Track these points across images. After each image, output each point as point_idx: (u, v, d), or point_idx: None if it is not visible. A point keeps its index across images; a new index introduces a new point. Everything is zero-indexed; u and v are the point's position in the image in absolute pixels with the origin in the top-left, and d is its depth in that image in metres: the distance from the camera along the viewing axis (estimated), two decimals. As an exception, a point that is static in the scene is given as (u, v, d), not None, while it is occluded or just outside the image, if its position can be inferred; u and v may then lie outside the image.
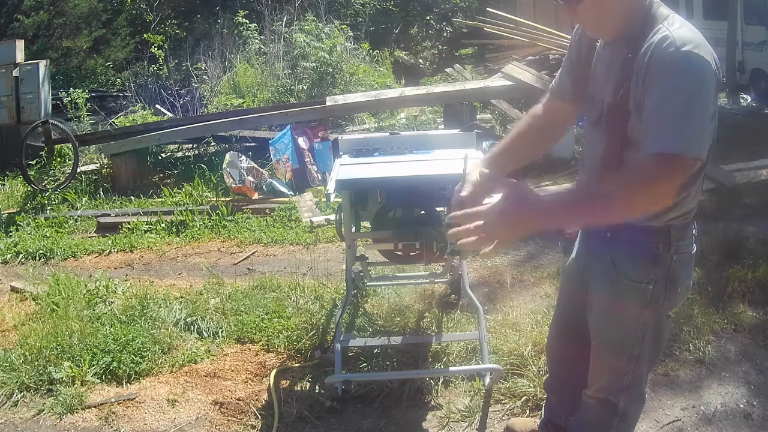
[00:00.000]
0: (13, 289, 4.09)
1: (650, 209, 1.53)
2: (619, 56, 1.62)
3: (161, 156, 6.98)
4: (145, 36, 11.21)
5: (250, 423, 2.69)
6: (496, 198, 1.59)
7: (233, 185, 5.69)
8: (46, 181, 6.29)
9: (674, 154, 1.43)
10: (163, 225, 5.13)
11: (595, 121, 1.74)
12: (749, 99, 8.83)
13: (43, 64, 6.79)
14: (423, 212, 2.65)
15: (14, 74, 6.59)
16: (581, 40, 1.81)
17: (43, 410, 2.81)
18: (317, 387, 2.86)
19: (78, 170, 6.29)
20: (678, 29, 1.52)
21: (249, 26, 9.59)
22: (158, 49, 10.00)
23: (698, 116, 1.45)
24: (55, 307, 3.60)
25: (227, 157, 5.90)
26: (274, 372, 2.94)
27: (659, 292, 1.71)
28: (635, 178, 1.46)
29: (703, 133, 1.47)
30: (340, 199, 2.68)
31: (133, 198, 5.86)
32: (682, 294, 1.78)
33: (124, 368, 3.01)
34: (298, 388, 2.87)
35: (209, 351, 3.19)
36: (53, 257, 4.71)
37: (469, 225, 1.47)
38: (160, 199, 5.76)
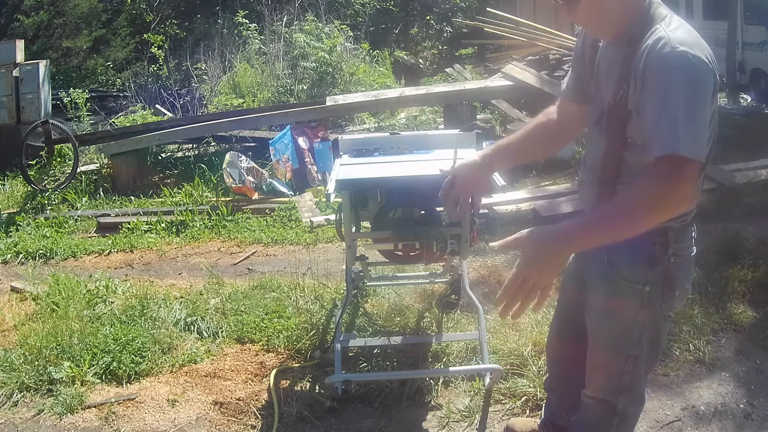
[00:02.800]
0: (13, 289, 4.09)
1: (670, 214, 1.51)
2: (619, 56, 1.62)
3: (161, 156, 6.98)
4: (145, 36, 11.21)
5: (250, 423, 2.69)
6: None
7: (233, 185, 5.69)
8: (46, 181, 6.29)
9: (681, 156, 1.43)
10: (163, 225, 5.13)
11: (596, 121, 1.74)
12: (749, 99, 8.82)
13: (43, 64, 6.80)
14: (423, 212, 2.65)
15: (14, 74, 6.61)
16: (585, 39, 1.81)
17: (43, 410, 2.81)
18: (317, 387, 2.86)
19: (78, 170, 6.29)
20: (674, 30, 1.52)
21: (249, 26, 9.58)
22: (158, 49, 10.00)
23: (698, 117, 1.46)
24: (55, 307, 3.60)
25: (227, 157, 5.90)
26: (274, 372, 2.94)
27: (656, 294, 1.70)
28: (651, 187, 1.46)
29: (702, 135, 1.47)
30: (340, 199, 2.68)
31: (133, 198, 5.86)
32: (681, 297, 1.77)
33: (124, 368, 3.01)
34: (298, 388, 2.87)
35: (209, 351, 3.19)
36: (53, 257, 4.71)
37: (512, 292, 1.52)
38: (160, 199, 5.76)
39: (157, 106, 8.76)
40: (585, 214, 1.64)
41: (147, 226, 5.12)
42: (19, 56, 6.76)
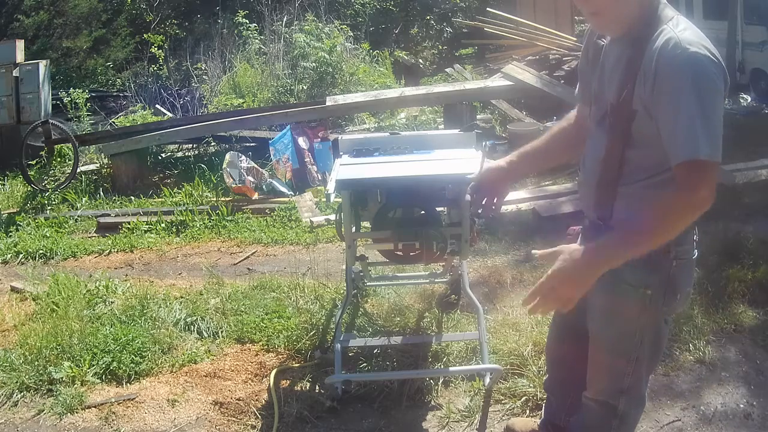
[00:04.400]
0: (13, 289, 4.09)
1: (695, 217, 1.56)
2: (624, 56, 1.62)
3: (161, 156, 6.98)
4: (145, 36, 11.20)
5: (250, 423, 2.69)
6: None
7: (233, 185, 5.69)
8: (46, 181, 6.29)
9: (701, 159, 1.45)
10: (163, 225, 5.13)
11: (599, 121, 1.74)
12: (749, 99, 8.82)
13: (43, 64, 6.80)
14: (423, 212, 2.65)
15: (14, 74, 6.60)
16: (589, 39, 1.81)
17: (43, 410, 2.80)
18: (317, 387, 2.86)
19: (78, 170, 6.29)
20: (683, 31, 1.52)
21: (249, 26, 9.58)
22: (158, 49, 10.00)
23: (714, 118, 1.47)
24: (55, 307, 3.60)
25: (227, 157, 5.90)
26: (274, 372, 2.94)
27: (658, 297, 1.70)
28: (674, 196, 1.49)
29: (719, 135, 1.48)
30: (340, 199, 2.68)
31: (133, 198, 5.86)
32: (682, 300, 1.77)
33: (124, 368, 3.01)
34: (298, 388, 2.87)
35: (209, 351, 3.19)
36: (53, 257, 4.71)
37: (540, 295, 1.58)
38: (160, 199, 5.75)
39: (157, 106, 8.76)
40: (613, 234, 1.61)
41: (147, 226, 5.11)
42: (19, 56, 6.75)
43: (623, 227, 1.61)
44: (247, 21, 9.63)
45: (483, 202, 2.02)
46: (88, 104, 7.77)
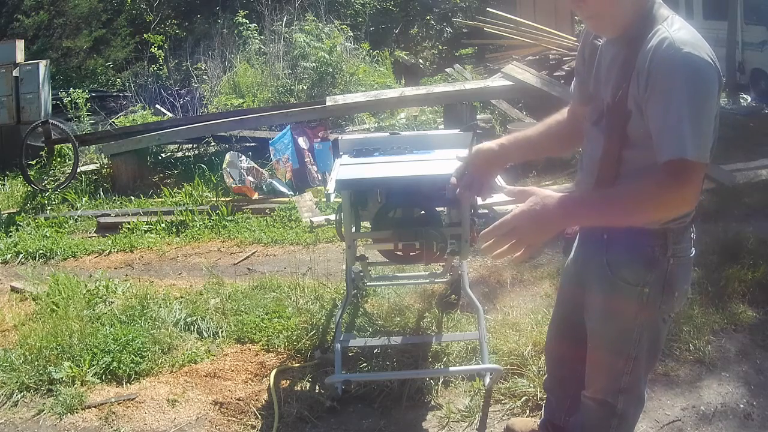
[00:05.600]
0: (13, 289, 4.09)
1: (672, 214, 1.57)
2: (620, 56, 1.62)
3: (161, 156, 6.99)
4: (145, 36, 11.21)
5: (250, 423, 2.69)
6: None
7: (233, 185, 5.69)
8: (46, 181, 6.29)
9: (687, 159, 1.44)
10: (163, 225, 5.13)
11: (595, 121, 1.74)
12: (749, 99, 8.83)
13: (43, 64, 6.80)
14: (423, 212, 2.65)
15: (14, 74, 6.60)
16: (585, 39, 1.81)
17: (43, 410, 2.80)
18: (317, 387, 2.86)
19: (78, 170, 6.29)
20: (677, 31, 1.52)
21: (249, 26, 9.59)
22: (158, 49, 10.01)
23: (704, 119, 1.47)
24: (55, 307, 3.60)
25: (227, 157, 5.90)
26: (274, 372, 2.94)
27: (655, 296, 1.70)
28: (654, 186, 1.48)
29: (708, 136, 1.48)
30: (340, 199, 2.68)
31: (133, 198, 5.87)
32: (680, 298, 1.77)
33: (124, 368, 3.01)
34: (298, 388, 2.87)
35: (209, 351, 3.19)
36: (53, 257, 4.71)
37: (499, 235, 1.54)
38: (160, 199, 5.76)
39: (157, 106, 8.76)
40: (589, 193, 1.66)
41: (147, 226, 5.12)
42: (19, 56, 6.75)
43: (602, 194, 1.63)
44: (247, 21, 9.64)
45: (470, 187, 1.93)
46: (88, 104, 7.78)
